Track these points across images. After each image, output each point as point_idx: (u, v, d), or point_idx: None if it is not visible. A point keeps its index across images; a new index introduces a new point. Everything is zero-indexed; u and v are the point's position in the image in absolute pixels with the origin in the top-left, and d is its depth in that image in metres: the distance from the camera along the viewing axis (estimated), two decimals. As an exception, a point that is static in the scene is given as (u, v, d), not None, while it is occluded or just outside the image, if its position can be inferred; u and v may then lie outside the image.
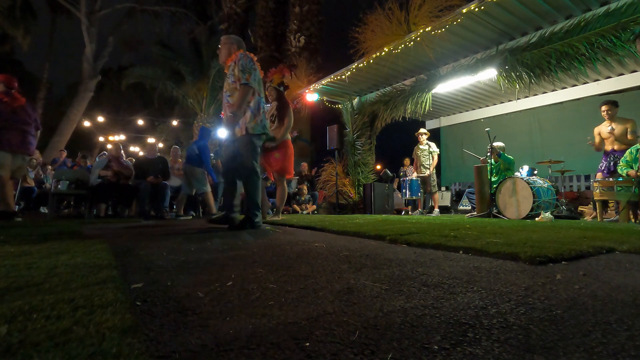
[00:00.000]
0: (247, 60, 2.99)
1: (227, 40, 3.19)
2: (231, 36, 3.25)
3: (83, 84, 15.52)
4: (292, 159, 4.16)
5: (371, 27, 6.45)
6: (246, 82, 2.93)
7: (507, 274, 1.22)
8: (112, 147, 5.88)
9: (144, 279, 1.17)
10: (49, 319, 0.73)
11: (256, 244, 2.08)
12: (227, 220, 3.01)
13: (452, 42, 5.73)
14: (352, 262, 1.46)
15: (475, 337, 0.70)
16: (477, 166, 5.13)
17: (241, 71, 2.94)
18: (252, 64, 3.01)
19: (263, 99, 3.16)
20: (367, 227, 2.66)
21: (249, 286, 1.09)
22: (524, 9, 4.86)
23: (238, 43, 3.17)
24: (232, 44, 3.15)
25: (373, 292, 1.01)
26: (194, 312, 0.84)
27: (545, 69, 5.10)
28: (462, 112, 9.37)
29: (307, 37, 11.52)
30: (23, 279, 1.10)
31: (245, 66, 2.95)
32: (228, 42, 3.17)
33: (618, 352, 0.63)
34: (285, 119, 4.07)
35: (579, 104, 7.25)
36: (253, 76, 2.98)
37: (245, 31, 14.71)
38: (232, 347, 0.64)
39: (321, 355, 0.62)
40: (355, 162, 8.06)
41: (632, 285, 1.08)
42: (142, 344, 0.63)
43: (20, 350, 0.58)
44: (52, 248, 1.76)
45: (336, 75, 7.22)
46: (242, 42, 3.22)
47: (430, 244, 1.86)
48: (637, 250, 1.67)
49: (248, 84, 2.93)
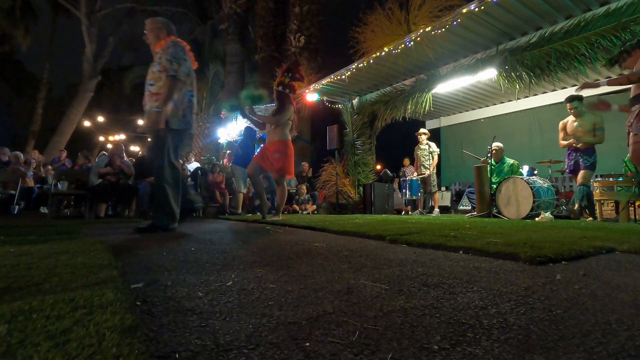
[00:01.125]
0: (177, 49, 2.73)
1: (154, 24, 2.92)
2: (158, 19, 2.99)
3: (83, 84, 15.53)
4: (292, 159, 4.16)
5: (371, 27, 6.46)
6: (174, 73, 2.67)
7: (507, 274, 1.22)
8: (114, 146, 5.89)
9: (144, 279, 1.17)
10: (49, 319, 0.73)
11: (256, 244, 2.08)
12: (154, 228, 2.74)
13: (452, 42, 5.73)
14: (352, 262, 1.46)
15: (475, 337, 0.70)
16: (477, 166, 5.13)
17: (169, 61, 2.67)
18: (182, 54, 2.76)
19: (193, 92, 2.92)
20: (367, 227, 2.66)
21: (249, 286, 1.09)
22: (524, 9, 4.86)
23: (167, 28, 2.91)
24: (160, 29, 2.89)
25: (373, 292, 1.01)
26: (194, 312, 0.84)
27: (545, 69, 5.10)
28: (462, 112, 9.37)
29: (307, 37, 11.51)
30: (23, 279, 1.10)
31: (174, 55, 2.69)
32: (155, 26, 2.91)
33: (618, 352, 0.63)
34: (281, 112, 4.08)
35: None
36: (183, 67, 2.73)
37: (246, 31, 14.72)
38: (232, 347, 0.64)
39: (321, 355, 0.62)
40: (355, 162, 8.06)
41: (632, 285, 1.08)
42: (142, 344, 0.63)
43: (20, 350, 0.58)
44: (52, 248, 1.76)
45: (336, 75, 7.21)
46: (171, 26, 2.96)
47: (430, 244, 1.86)
48: (637, 250, 1.67)
49: (176, 76, 2.68)
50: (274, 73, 4.40)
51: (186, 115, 2.81)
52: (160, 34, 2.87)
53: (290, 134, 4.25)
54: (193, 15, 19.16)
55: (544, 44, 5.06)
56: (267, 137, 4.32)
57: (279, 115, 4.09)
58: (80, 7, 15.46)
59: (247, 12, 14.60)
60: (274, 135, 4.13)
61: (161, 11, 18.55)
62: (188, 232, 2.84)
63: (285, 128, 4.13)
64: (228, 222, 4.28)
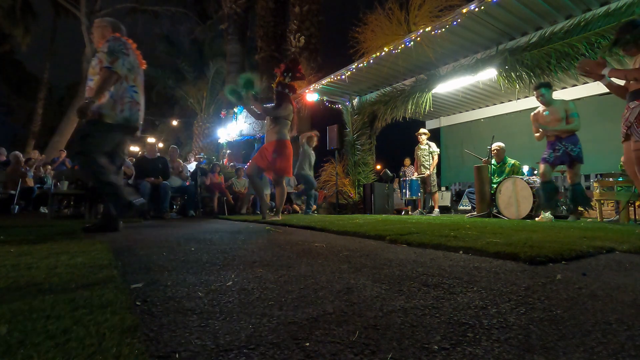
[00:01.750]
0: (116, 43, 2.71)
1: (101, 23, 2.93)
2: (106, 19, 3.00)
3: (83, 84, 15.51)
4: (290, 159, 4.16)
5: (371, 27, 6.47)
6: (109, 65, 2.63)
7: (507, 274, 1.22)
8: None
9: (144, 279, 1.17)
10: (49, 319, 0.73)
11: (256, 244, 2.08)
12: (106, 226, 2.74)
13: (452, 42, 5.73)
14: (352, 262, 1.46)
15: (475, 337, 0.70)
16: (477, 166, 5.13)
17: (105, 53, 2.65)
18: (122, 48, 2.73)
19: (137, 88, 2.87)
20: (367, 227, 2.66)
21: (249, 286, 1.09)
22: (524, 9, 4.86)
23: (113, 26, 2.91)
24: (105, 27, 2.88)
25: (373, 292, 1.01)
26: (194, 312, 0.84)
27: (545, 69, 5.10)
28: (462, 112, 9.36)
29: (307, 37, 11.51)
30: (23, 279, 1.10)
31: (112, 49, 2.67)
32: (101, 25, 2.91)
33: (618, 352, 0.63)
34: (277, 108, 4.09)
35: (579, 104, 7.19)
36: (121, 61, 2.69)
37: (245, 31, 14.72)
38: (232, 347, 0.64)
39: (321, 355, 0.62)
40: (355, 162, 8.06)
41: (632, 285, 1.08)
42: (142, 344, 0.63)
43: (20, 350, 0.58)
44: (52, 248, 1.76)
45: (336, 75, 7.22)
46: (118, 25, 2.95)
47: (430, 244, 1.86)
48: (637, 250, 1.67)
49: (110, 68, 2.63)
50: (274, 73, 4.39)
51: (124, 110, 2.76)
52: (106, 32, 2.85)
53: (290, 134, 4.25)
54: (193, 15, 19.17)
55: (544, 44, 5.07)
56: (265, 136, 4.33)
57: (276, 110, 4.10)
58: (80, 7, 15.46)
59: (247, 12, 14.61)
60: (272, 135, 4.14)
61: (161, 11, 18.59)
62: (188, 232, 2.84)
63: (283, 128, 4.13)
64: (228, 222, 4.28)
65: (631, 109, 2.75)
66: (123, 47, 2.74)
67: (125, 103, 2.77)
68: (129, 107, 2.79)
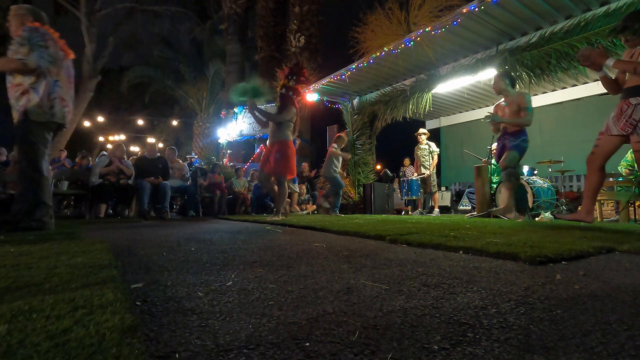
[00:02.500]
0: (32, 34, 2.51)
1: (18, 10, 2.68)
2: (24, 6, 2.76)
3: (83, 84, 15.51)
4: (292, 159, 4.17)
5: (371, 27, 6.47)
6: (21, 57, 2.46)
7: (507, 274, 1.22)
8: (116, 148, 5.86)
9: (144, 279, 1.17)
10: (49, 319, 0.73)
11: (256, 244, 2.08)
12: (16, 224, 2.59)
13: (452, 42, 5.73)
14: (352, 262, 1.46)
15: (475, 337, 0.70)
16: (477, 166, 5.13)
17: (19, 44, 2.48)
18: (38, 39, 2.52)
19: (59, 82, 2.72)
20: (367, 227, 2.66)
21: (249, 286, 1.09)
22: (524, 9, 4.86)
23: (34, 15, 2.69)
24: (24, 15, 2.66)
25: (373, 292, 1.01)
26: (194, 312, 0.84)
27: (545, 69, 5.10)
28: (462, 112, 9.37)
29: (307, 37, 11.51)
30: (23, 279, 1.10)
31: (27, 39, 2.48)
32: (19, 12, 2.67)
33: (618, 352, 0.63)
34: (281, 111, 4.10)
35: (579, 104, 7.24)
36: (38, 53, 2.50)
37: (245, 31, 14.72)
38: (232, 347, 0.64)
39: (321, 355, 0.62)
40: (355, 162, 8.06)
41: (632, 285, 1.08)
42: (142, 344, 0.63)
43: (20, 350, 0.58)
44: (52, 248, 1.76)
45: (336, 75, 7.22)
46: (39, 13, 2.73)
47: (430, 244, 1.86)
48: (637, 250, 1.67)
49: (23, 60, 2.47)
50: (274, 73, 4.40)
51: (54, 107, 2.65)
52: (25, 20, 2.64)
53: (293, 135, 4.26)
54: (193, 15, 19.17)
55: (544, 44, 5.07)
56: (268, 138, 4.34)
57: (279, 114, 4.12)
58: (80, 7, 15.44)
59: (247, 12, 14.61)
60: (274, 136, 4.15)
61: (161, 11, 18.58)
62: (188, 232, 2.84)
63: (286, 129, 4.14)
64: (228, 222, 4.28)
65: (634, 106, 2.57)
66: (40, 37, 2.54)
67: (52, 99, 2.63)
68: (56, 104, 2.66)
